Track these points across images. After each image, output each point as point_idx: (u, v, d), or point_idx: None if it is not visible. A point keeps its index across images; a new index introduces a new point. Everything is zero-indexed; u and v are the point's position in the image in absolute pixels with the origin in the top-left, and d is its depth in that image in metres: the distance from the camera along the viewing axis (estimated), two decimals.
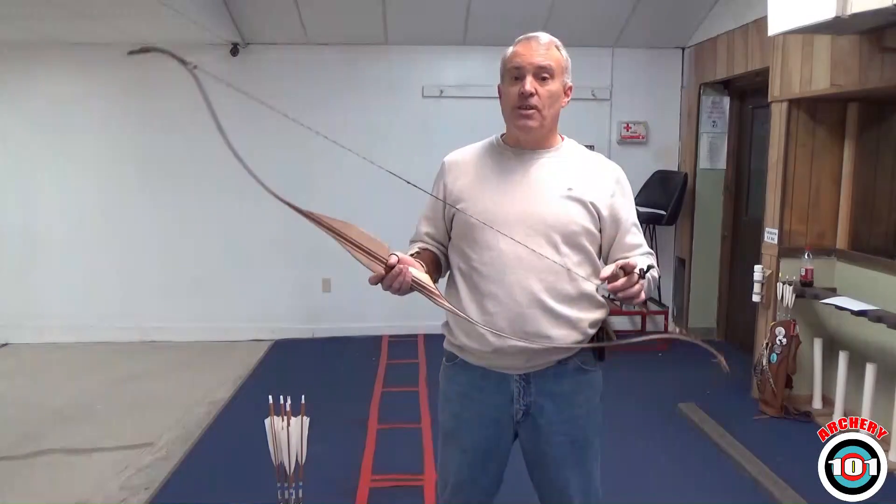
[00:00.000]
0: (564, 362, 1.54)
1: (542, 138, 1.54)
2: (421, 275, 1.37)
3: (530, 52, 1.48)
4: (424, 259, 1.51)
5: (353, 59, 4.91)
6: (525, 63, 1.47)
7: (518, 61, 1.48)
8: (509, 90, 1.50)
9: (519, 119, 1.49)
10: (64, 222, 5.02)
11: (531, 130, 1.50)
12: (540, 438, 1.57)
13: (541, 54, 1.48)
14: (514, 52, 1.50)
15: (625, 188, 1.58)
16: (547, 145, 1.56)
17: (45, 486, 2.89)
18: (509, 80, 1.50)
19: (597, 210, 1.51)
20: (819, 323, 3.64)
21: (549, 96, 1.48)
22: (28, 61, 4.84)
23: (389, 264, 1.32)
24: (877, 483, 1.69)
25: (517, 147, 1.56)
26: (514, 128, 1.53)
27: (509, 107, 1.50)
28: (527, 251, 1.47)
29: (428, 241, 1.63)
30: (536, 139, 1.54)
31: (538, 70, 1.47)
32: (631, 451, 3.10)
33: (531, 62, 1.47)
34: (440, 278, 1.60)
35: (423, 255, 1.55)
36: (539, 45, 1.49)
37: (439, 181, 1.62)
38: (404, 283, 1.33)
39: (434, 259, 1.59)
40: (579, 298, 1.51)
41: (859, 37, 2.96)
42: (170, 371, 4.43)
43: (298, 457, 2.20)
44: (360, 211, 4.24)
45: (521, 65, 1.47)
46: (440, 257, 1.62)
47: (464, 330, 1.54)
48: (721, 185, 4.91)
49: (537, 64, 1.47)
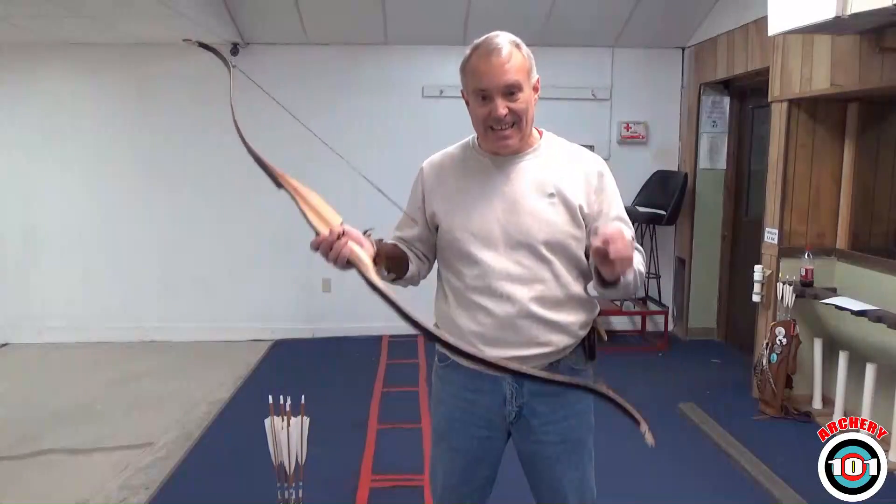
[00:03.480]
0: (556, 364, 1.53)
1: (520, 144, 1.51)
2: (362, 254, 1.30)
3: (494, 72, 1.38)
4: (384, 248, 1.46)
5: (353, 59, 4.92)
6: (491, 86, 1.39)
7: (484, 83, 1.40)
8: (478, 110, 1.43)
9: (497, 141, 1.45)
10: (64, 222, 5.02)
11: (508, 148, 1.47)
12: (533, 439, 1.56)
13: (505, 70, 1.38)
14: (476, 70, 1.41)
15: (608, 182, 1.53)
16: (525, 148, 1.51)
17: (45, 486, 2.89)
18: (476, 98, 1.43)
19: (581, 212, 1.49)
20: (819, 323, 3.64)
21: (521, 109, 1.42)
22: (28, 61, 4.84)
23: (334, 230, 1.28)
24: (877, 483, 1.69)
25: (495, 155, 1.51)
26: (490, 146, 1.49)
27: (481, 125, 1.46)
28: (512, 262, 1.46)
29: (398, 241, 1.60)
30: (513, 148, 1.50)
31: (506, 89, 1.39)
32: (630, 451, 3.09)
33: (497, 84, 1.39)
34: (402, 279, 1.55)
35: (385, 245, 1.49)
36: (500, 61, 1.38)
37: (417, 186, 1.59)
38: (340, 256, 1.28)
39: (397, 255, 1.54)
40: (568, 302, 1.50)
41: (859, 37, 2.96)
42: (170, 371, 4.42)
43: (298, 457, 2.20)
44: (360, 211, 4.23)
45: (486, 87, 1.40)
46: (409, 256, 1.57)
47: (454, 336, 1.52)
48: (721, 185, 4.92)
49: (503, 84, 1.39)
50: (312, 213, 1.31)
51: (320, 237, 1.29)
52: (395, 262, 1.52)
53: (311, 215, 1.31)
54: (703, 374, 4.30)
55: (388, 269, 1.48)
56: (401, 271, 1.54)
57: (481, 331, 1.48)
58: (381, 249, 1.44)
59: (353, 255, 1.28)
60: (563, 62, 4.85)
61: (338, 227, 1.29)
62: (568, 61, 4.92)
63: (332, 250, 1.28)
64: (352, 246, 1.29)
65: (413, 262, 1.58)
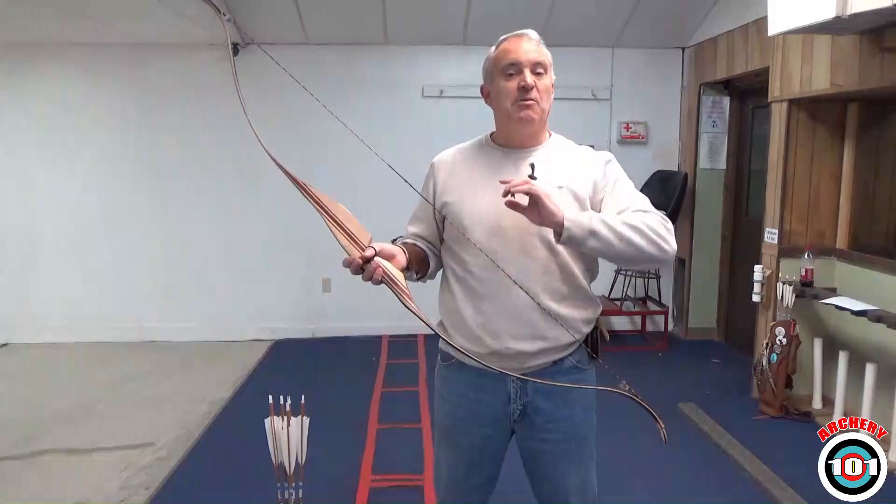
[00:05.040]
0: (560, 362, 1.54)
1: (535, 134, 1.55)
2: (395, 271, 1.36)
3: (525, 49, 1.48)
4: (410, 252, 1.50)
5: (353, 59, 4.92)
6: (522, 59, 1.48)
7: (513, 58, 1.48)
8: (506, 85, 1.49)
9: (521, 111, 1.48)
10: (64, 222, 5.02)
11: (533, 122, 1.50)
12: (537, 437, 1.57)
13: (534, 50, 1.49)
14: (506, 50, 1.50)
15: (613, 168, 1.55)
16: (536, 142, 1.56)
17: (46, 487, 2.89)
18: (503, 77, 1.50)
19: (591, 201, 1.50)
20: (819, 323, 3.64)
21: (545, 90, 1.50)
22: (28, 61, 4.83)
23: (366, 256, 1.31)
24: (877, 483, 1.69)
25: (507, 146, 1.56)
26: (513, 122, 1.52)
27: (508, 102, 1.49)
28: (519, 252, 1.47)
29: (416, 240, 1.62)
30: (529, 135, 1.54)
31: (534, 65, 1.48)
32: (631, 451, 3.10)
33: (527, 58, 1.48)
34: (426, 276, 1.61)
35: (409, 247, 1.53)
36: (531, 42, 1.50)
37: (429, 181, 1.62)
38: (374, 278, 1.33)
39: (421, 255, 1.58)
40: (573, 296, 1.51)
41: (859, 37, 2.96)
42: (170, 371, 4.43)
43: (298, 457, 2.20)
44: (360, 210, 4.23)
45: (517, 60, 1.48)
46: (428, 255, 1.61)
47: (459, 332, 1.54)
48: (721, 185, 4.92)
49: (533, 60, 1.48)
50: (340, 232, 1.33)
51: (350, 259, 1.33)
52: (421, 262, 1.57)
53: (339, 234, 1.32)
54: (703, 374, 4.30)
55: (416, 272, 1.53)
56: (424, 269, 1.59)
57: (487, 321, 1.49)
58: (410, 253, 1.50)
59: (385, 277, 1.32)
60: (563, 62, 4.78)
61: (369, 248, 1.33)
62: (568, 61, 4.89)
63: (365, 273, 1.33)
64: (384, 266, 1.33)
65: (432, 260, 1.62)
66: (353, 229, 1.34)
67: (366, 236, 1.35)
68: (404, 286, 1.35)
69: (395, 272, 1.35)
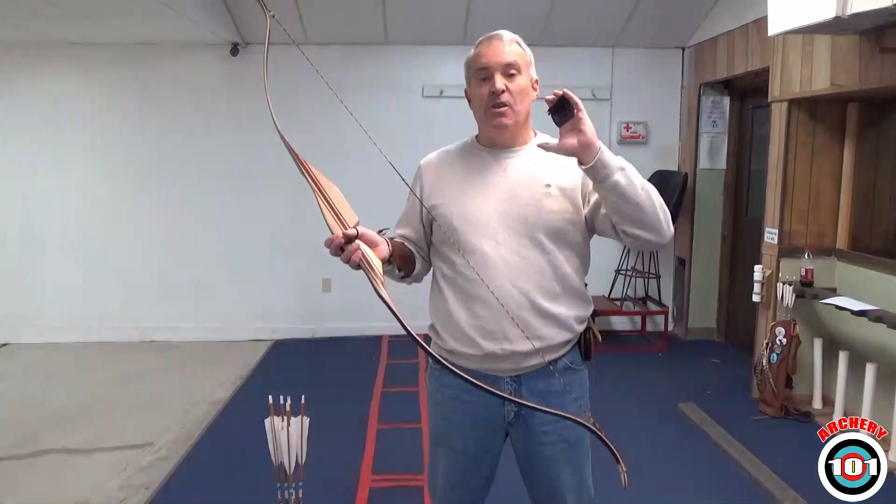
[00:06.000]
0: (554, 363, 1.54)
1: (516, 135, 1.55)
2: (374, 258, 1.34)
3: (495, 51, 1.48)
4: (395, 248, 1.49)
5: (353, 59, 4.91)
6: (492, 62, 1.47)
7: (484, 61, 1.48)
8: (479, 91, 1.50)
9: (494, 118, 1.49)
10: (64, 222, 5.02)
11: (507, 128, 1.50)
12: (532, 439, 1.57)
13: (505, 51, 1.48)
14: (479, 54, 1.50)
15: None
16: (521, 142, 1.56)
17: (45, 486, 2.89)
18: (477, 81, 1.50)
19: (580, 192, 1.51)
20: (819, 323, 3.64)
21: (519, 91, 1.49)
22: (28, 61, 4.84)
23: (348, 234, 1.30)
24: (877, 483, 1.69)
25: (492, 147, 1.56)
26: (489, 128, 1.53)
27: (482, 108, 1.51)
28: (511, 252, 1.47)
29: (403, 241, 1.62)
30: (511, 136, 1.54)
31: (505, 67, 1.47)
32: (631, 451, 3.09)
33: (497, 61, 1.47)
34: (411, 277, 1.60)
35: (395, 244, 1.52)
36: (502, 43, 1.49)
37: (416, 184, 1.61)
38: (352, 260, 1.30)
39: (406, 253, 1.58)
40: (566, 295, 1.52)
41: (859, 37, 2.96)
42: (170, 371, 4.42)
43: (298, 457, 2.20)
44: (359, 210, 4.23)
45: (487, 64, 1.47)
46: (414, 255, 1.61)
47: (452, 334, 1.53)
48: (721, 185, 4.92)
49: (504, 62, 1.47)
50: (328, 210, 1.32)
51: (331, 238, 1.31)
52: (405, 260, 1.56)
53: (326, 212, 1.32)
54: (703, 374, 4.30)
55: (399, 268, 1.52)
56: (409, 269, 1.58)
57: (479, 323, 1.49)
58: (395, 248, 1.48)
59: (363, 261, 1.30)
60: (563, 62, 4.84)
61: (351, 229, 1.31)
62: (568, 61, 4.91)
63: (344, 253, 1.30)
64: (363, 250, 1.31)
65: (418, 261, 1.61)
66: (342, 210, 1.33)
67: (353, 220, 1.34)
68: (380, 274, 1.33)
69: (374, 259, 1.34)
